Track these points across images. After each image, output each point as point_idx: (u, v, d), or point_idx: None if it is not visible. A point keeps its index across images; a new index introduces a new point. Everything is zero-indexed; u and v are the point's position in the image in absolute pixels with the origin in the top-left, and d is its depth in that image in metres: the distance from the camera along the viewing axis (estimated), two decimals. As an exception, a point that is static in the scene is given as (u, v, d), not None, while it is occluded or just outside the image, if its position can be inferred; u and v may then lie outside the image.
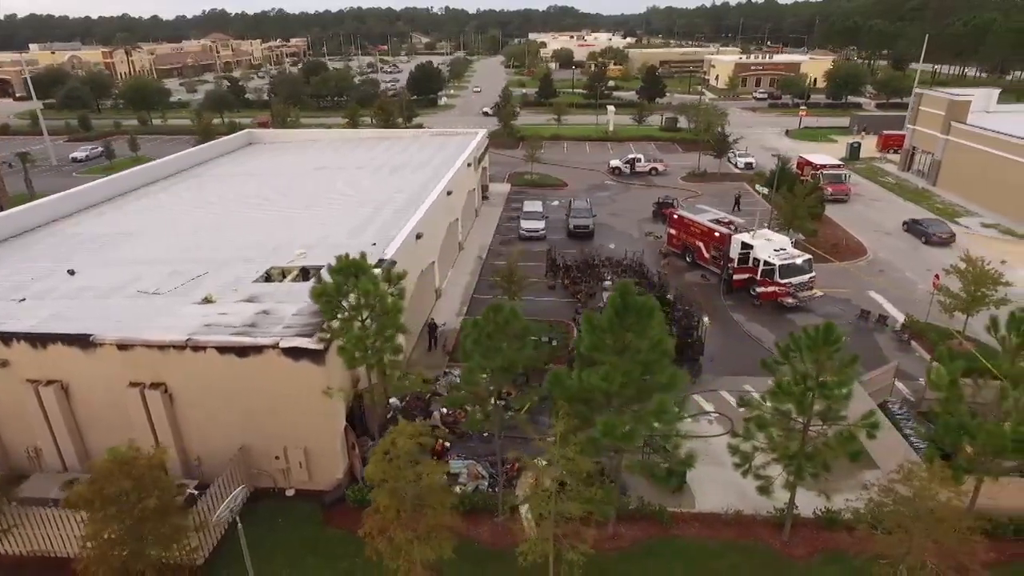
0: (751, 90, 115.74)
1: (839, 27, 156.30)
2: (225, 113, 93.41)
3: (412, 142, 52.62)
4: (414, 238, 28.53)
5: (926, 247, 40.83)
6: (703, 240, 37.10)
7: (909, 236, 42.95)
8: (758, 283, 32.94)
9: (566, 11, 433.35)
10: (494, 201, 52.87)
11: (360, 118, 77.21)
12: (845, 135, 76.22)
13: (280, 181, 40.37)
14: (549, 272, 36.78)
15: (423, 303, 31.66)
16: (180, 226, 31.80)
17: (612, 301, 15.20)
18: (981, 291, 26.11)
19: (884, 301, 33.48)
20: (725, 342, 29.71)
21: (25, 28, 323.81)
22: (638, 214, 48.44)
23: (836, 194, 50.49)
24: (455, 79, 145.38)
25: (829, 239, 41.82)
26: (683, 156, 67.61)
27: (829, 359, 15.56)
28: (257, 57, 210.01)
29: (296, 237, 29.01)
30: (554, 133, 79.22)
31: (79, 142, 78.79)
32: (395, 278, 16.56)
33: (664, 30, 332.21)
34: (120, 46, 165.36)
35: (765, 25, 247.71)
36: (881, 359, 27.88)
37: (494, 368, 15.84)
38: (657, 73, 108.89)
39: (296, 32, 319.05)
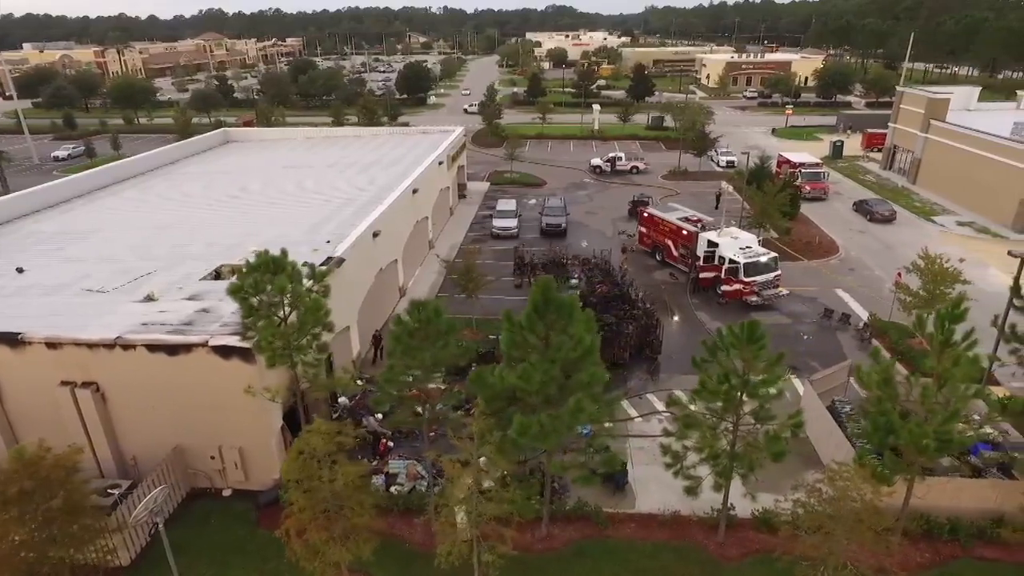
0: (742, 89, 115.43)
1: (832, 26, 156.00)
2: (212, 112, 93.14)
3: (388, 140, 52.35)
4: (370, 236, 28.31)
5: (899, 246, 40.55)
6: (672, 238, 36.86)
7: (879, 235, 42.74)
8: (722, 281, 32.69)
9: (564, 11, 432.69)
10: (472, 199, 52.62)
11: (345, 117, 77.06)
12: (832, 134, 75.94)
13: (248, 179, 40.10)
14: (517, 271, 36.54)
15: (384, 301, 31.43)
16: (141, 224, 31.56)
17: (532, 297, 14.96)
18: (940, 289, 25.83)
19: (850, 299, 33.23)
20: (687, 341, 29.42)
21: (22, 28, 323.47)
22: (614, 212, 48.19)
23: (814, 192, 50.27)
24: (447, 78, 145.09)
25: (803, 237, 41.57)
26: (666, 155, 67.34)
27: (755, 358, 15.34)
28: (252, 56, 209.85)
29: (254, 235, 28.75)
30: (539, 132, 78.93)
31: (63, 141, 78.63)
32: (318, 276, 16.28)
33: (662, 30, 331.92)
34: (112, 45, 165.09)
35: (761, 24, 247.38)
36: (841, 358, 27.64)
37: (417, 367, 15.58)
38: (647, 72, 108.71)
39: (293, 32, 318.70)
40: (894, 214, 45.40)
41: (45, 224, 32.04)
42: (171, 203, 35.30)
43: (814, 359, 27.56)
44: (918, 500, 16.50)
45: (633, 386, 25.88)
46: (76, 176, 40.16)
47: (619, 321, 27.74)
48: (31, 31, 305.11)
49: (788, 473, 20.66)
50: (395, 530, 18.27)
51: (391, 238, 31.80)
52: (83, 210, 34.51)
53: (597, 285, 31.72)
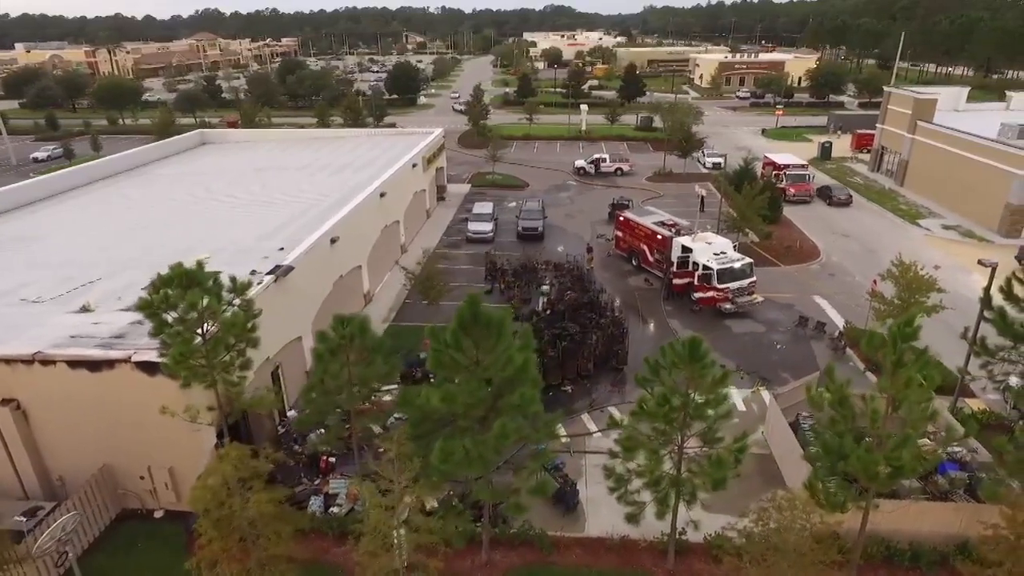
0: (735, 89, 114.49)
1: (828, 26, 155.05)
2: (197, 112, 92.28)
3: (366, 142, 51.44)
4: (328, 242, 27.41)
5: (883, 251, 39.56)
6: (647, 243, 35.94)
7: (858, 240, 41.83)
8: (695, 288, 31.77)
9: (563, 11, 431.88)
10: (451, 202, 51.71)
11: (331, 118, 76.15)
12: (823, 135, 75.03)
13: (217, 182, 39.20)
14: (488, 276, 35.63)
15: (346, 309, 30.41)
16: (98, 229, 30.68)
17: (458, 313, 14.03)
18: (915, 298, 24.92)
19: (828, 307, 32.31)
20: (654, 349, 28.35)
21: (19, 28, 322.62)
22: (594, 215, 47.28)
23: (798, 195, 49.36)
24: (439, 79, 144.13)
25: (784, 241, 40.65)
26: (653, 156, 66.38)
27: (698, 376, 14.43)
28: (245, 56, 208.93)
29: (209, 240, 27.85)
30: (525, 132, 78.05)
31: (45, 142, 77.70)
32: (239, 288, 15.36)
33: (660, 29, 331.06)
34: (102, 46, 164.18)
35: (758, 24, 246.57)
36: (814, 368, 26.75)
37: (339, 386, 14.66)
38: (639, 72, 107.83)
39: (289, 32, 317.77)
40: (850, 198, 49.65)
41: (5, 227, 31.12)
42: (134, 207, 34.43)
43: (786, 370, 26.66)
44: (878, 525, 15.59)
45: (596, 399, 24.97)
46: (43, 178, 39.33)
47: (583, 331, 26.81)
48: (29, 31, 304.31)
49: (751, 493, 19.77)
50: (329, 556, 17.37)
51: (354, 243, 30.89)
52: (43, 213, 33.61)
53: (566, 292, 30.79)
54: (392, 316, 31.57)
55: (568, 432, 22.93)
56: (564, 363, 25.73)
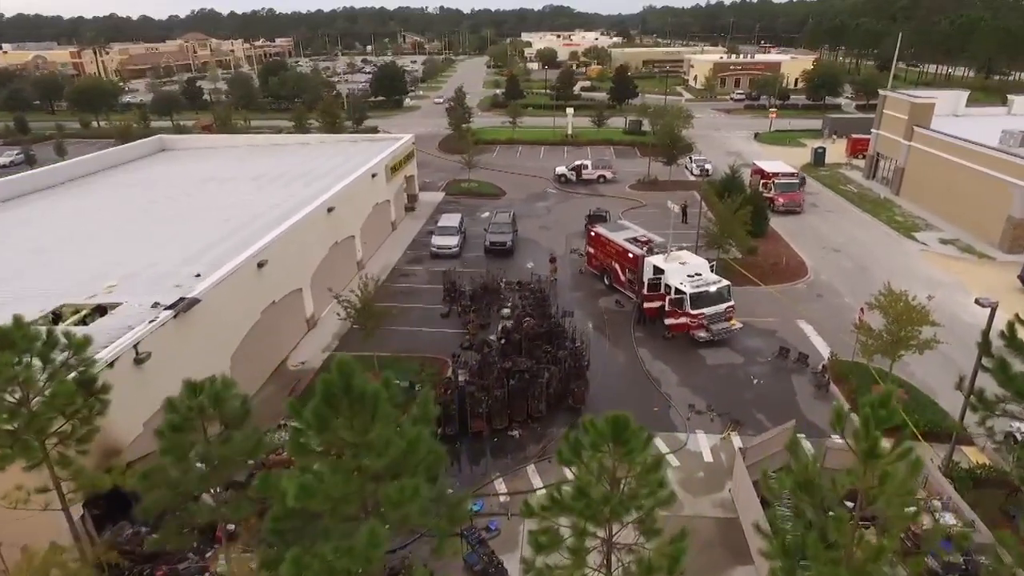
0: (730, 91, 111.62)
1: (827, 26, 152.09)
2: (175, 115, 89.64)
3: (332, 148, 48.71)
4: (254, 266, 24.70)
5: (875, 267, 36.80)
6: (619, 261, 33.18)
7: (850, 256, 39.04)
8: (667, 313, 28.99)
9: (562, 11, 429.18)
10: (421, 212, 48.95)
11: (308, 121, 73.45)
12: (818, 138, 72.20)
13: (160, 194, 36.51)
14: (447, 297, 32.88)
15: (282, 337, 27.79)
16: (14, 248, 27.96)
17: (324, 384, 11.26)
18: (905, 331, 22.14)
19: (813, 333, 29.51)
20: (619, 384, 25.79)
21: (13, 28, 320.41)
22: (570, 227, 44.46)
23: (787, 205, 46.57)
24: (429, 79, 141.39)
25: (770, 256, 37.86)
26: (640, 162, 63.50)
27: (626, 461, 11.67)
28: (237, 57, 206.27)
29: (126, 263, 25.16)
30: (509, 136, 75.27)
31: (11, 146, 75.01)
32: (76, 345, 12.66)
33: (659, 30, 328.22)
34: (88, 46, 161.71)
35: (757, 25, 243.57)
36: (792, 406, 24.04)
37: (182, 471, 11.92)
38: (631, 73, 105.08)
39: (286, 32, 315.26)
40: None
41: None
42: (58, 224, 31.70)
43: (762, 410, 23.89)
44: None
45: (547, 446, 22.17)
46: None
47: (537, 366, 24.05)
48: (24, 31, 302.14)
49: (715, 567, 17.11)
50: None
51: (292, 265, 28.18)
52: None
53: (524, 319, 28.02)
54: (334, 344, 28.83)
55: (508, 488, 20.21)
56: (512, 404, 22.98)
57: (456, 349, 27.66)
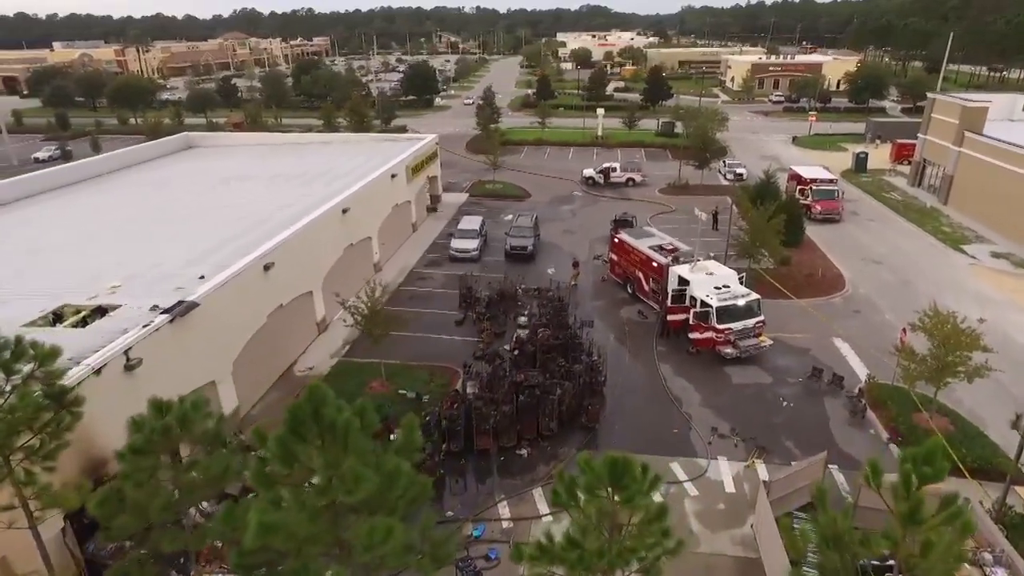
0: (768, 93, 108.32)
1: (872, 26, 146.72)
2: (208, 112, 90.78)
3: (355, 147, 48.18)
4: (260, 269, 23.99)
5: (920, 281, 34.51)
6: (643, 270, 31.64)
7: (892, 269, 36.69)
8: (691, 327, 27.39)
9: (599, 11, 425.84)
10: (444, 213, 48.03)
11: (337, 120, 73.39)
12: (860, 143, 69.08)
13: (176, 193, 36.32)
14: (462, 303, 31.81)
15: (290, 342, 27.07)
16: (27, 245, 27.79)
17: (292, 411, 10.20)
18: (952, 357, 20.21)
19: (849, 352, 27.54)
20: (637, 402, 24.32)
21: (66, 28, 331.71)
22: (595, 232, 42.93)
23: (825, 213, 44.27)
24: (461, 79, 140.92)
25: (804, 268, 35.81)
26: (672, 165, 61.52)
27: (627, 507, 10.35)
28: (276, 56, 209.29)
29: (132, 262, 24.72)
30: (538, 137, 73.96)
31: (52, 141, 76.76)
32: (42, 356, 11.84)
33: (697, 30, 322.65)
34: (132, 44, 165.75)
35: (799, 25, 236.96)
36: (825, 433, 22.28)
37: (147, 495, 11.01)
38: (665, 74, 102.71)
39: (324, 31, 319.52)
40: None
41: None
42: (74, 221, 31.61)
43: (791, 436, 22.16)
44: None
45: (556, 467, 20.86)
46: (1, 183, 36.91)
47: (550, 380, 22.77)
48: (76, 31, 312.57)
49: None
50: None
51: (302, 267, 27.45)
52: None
53: (539, 329, 26.75)
54: (345, 350, 27.99)
55: (512, 513, 18.99)
56: (521, 420, 21.75)
57: (468, 359, 26.54)
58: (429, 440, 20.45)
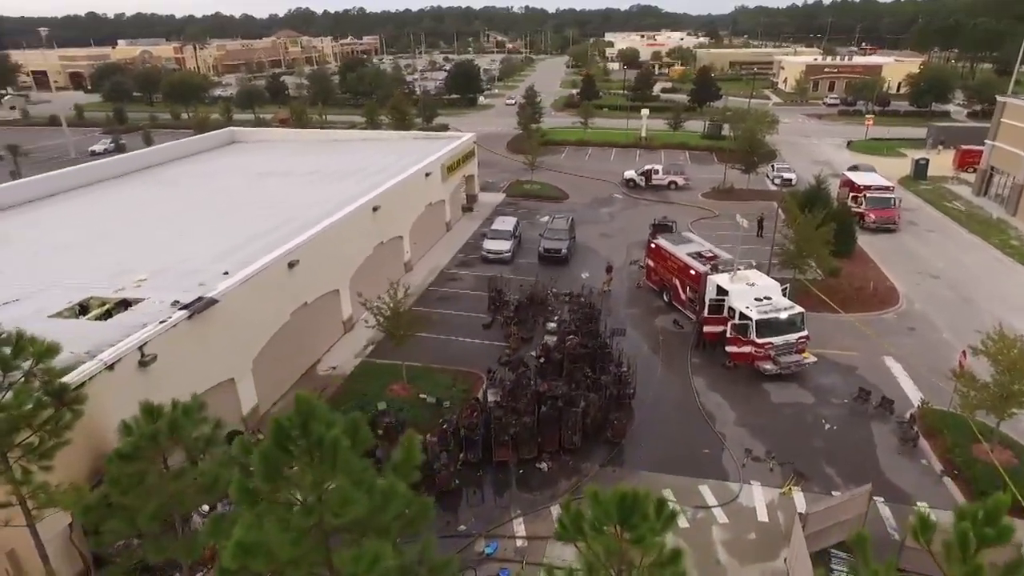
0: (823, 95, 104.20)
1: (937, 26, 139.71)
2: (256, 108, 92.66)
3: (393, 145, 48.02)
4: (284, 267, 23.72)
5: (982, 299, 32.08)
6: (679, 277, 30.28)
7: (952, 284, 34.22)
8: (729, 340, 25.95)
9: (649, 11, 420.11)
10: (479, 213, 47.41)
11: (379, 117, 73.80)
12: (920, 149, 65.45)
13: (214, 188, 36.70)
14: (491, 306, 31.05)
15: (315, 340, 26.80)
16: (67, 236, 28.31)
17: (275, 425, 9.56)
18: (1018, 386, 18.36)
19: (901, 374, 25.61)
20: (667, 417, 23.09)
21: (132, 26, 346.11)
22: (634, 236, 41.55)
23: (880, 221, 41.82)
24: (506, 78, 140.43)
25: (855, 280, 33.73)
26: (717, 168, 59.49)
27: (636, 546, 9.34)
28: (326, 54, 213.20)
29: (161, 256, 24.82)
30: (579, 137, 72.71)
31: (109, 135, 79.51)
32: (38, 354, 11.54)
33: (751, 30, 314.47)
34: (189, 42, 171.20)
35: (858, 25, 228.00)
36: (871, 460, 20.63)
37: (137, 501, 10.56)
38: (715, 75, 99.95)
39: (374, 30, 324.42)
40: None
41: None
42: (114, 212, 32.19)
43: (833, 462, 20.59)
44: None
45: (577, 482, 19.84)
46: (51, 174, 37.93)
47: (575, 391, 21.78)
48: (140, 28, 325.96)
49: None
50: None
51: (329, 265, 27.15)
52: (23, 217, 31.73)
53: (568, 336, 25.75)
54: (369, 350, 27.58)
55: (528, 531, 18.08)
56: (543, 432, 20.83)
57: (493, 364, 25.73)
58: (445, 449, 19.83)
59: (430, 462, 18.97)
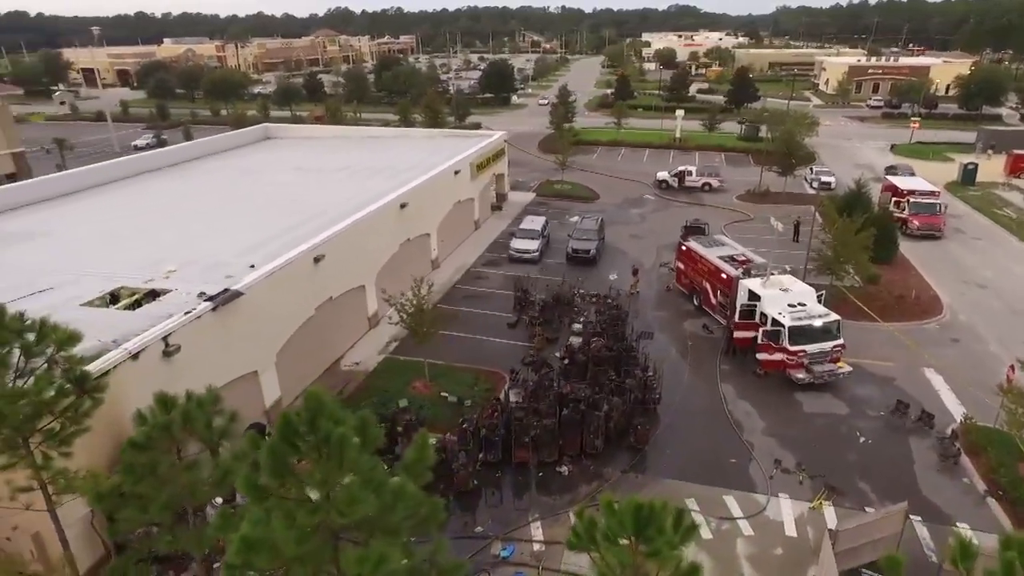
0: (867, 97, 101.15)
1: (990, 26, 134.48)
2: (293, 106, 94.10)
3: (422, 142, 48.07)
4: (310, 261, 23.80)
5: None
6: (710, 281, 29.52)
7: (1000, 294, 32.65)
8: (760, 347, 25.14)
9: (688, 11, 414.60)
10: (508, 212, 47.15)
11: (412, 115, 74.22)
12: (969, 153, 62.90)
13: (247, 182, 37.21)
14: (517, 306, 30.74)
15: (340, 335, 26.86)
16: (104, 227, 28.98)
17: (284, 419, 9.41)
18: (1070, 404, 17.30)
19: (942, 387, 24.47)
20: (693, 424, 22.46)
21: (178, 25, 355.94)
22: (665, 238, 40.72)
23: (924, 228, 40.21)
24: (540, 78, 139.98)
25: (895, 287, 32.46)
26: (754, 170, 58.08)
27: (652, 560, 8.91)
28: (363, 53, 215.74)
29: (191, 249, 25.15)
30: (612, 138, 71.89)
31: (151, 130, 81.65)
32: (60, 341, 11.61)
33: (792, 31, 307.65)
34: (231, 40, 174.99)
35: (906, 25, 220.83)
36: (908, 476, 19.70)
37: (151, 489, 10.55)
38: (753, 76, 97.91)
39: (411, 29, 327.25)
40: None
41: (13, 222, 30.20)
42: (147, 206, 32.76)
43: (867, 477, 19.73)
44: None
45: (598, 487, 19.40)
46: (90, 167, 38.96)
47: (598, 395, 21.32)
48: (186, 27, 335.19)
49: None
50: None
51: (355, 260, 27.21)
52: (65, 208, 32.49)
53: (593, 338, 25.29)
54: (393, 346, 27.54)
55: (545, 535, 17.71)
56: (564, 435, 20.43)
57: (517, 364, 25.41)
58: (464, 448, 19.58)
59: (449, 461, 18.79)
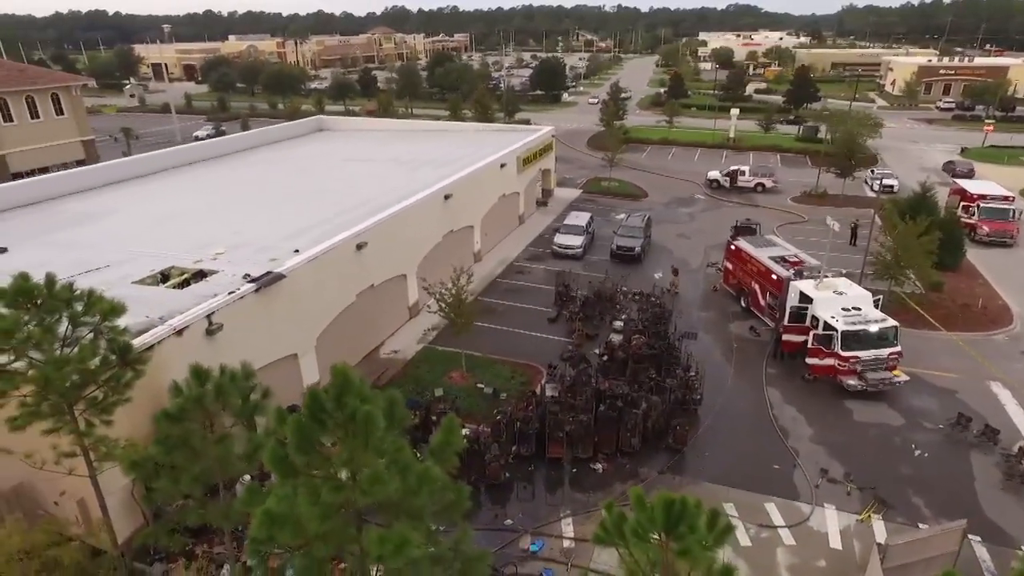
0: (936, 98, 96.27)
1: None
2: (347, 100, 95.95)
3: (469, 136, 48.17)
4: (352, 248, 24.04)
5: (1115, 325, 28.32)
6: (759, 282, 28.48)
7: None
8: (810, 351, 24.07)
9: (748, 10, 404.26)
10: (554, 207, 46.76)
11: (462, 111, 74.58)
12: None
13: (298, 171, 38.01)
14: (558, 301, 30.38)
15: (380, 322, 27.06)
16: (161, 210, 30.04)
17: (312, 396, 9.35)
18: None
19: (1010, 402, 22.90)
20: (736, 428, 21.66)
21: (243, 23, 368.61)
22: (712, 238, 39.61)
23: (994, 234, 37.88)
24: (592, 76, 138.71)
25: (960, 295, 30.70)
26: (811, 172, 55.97)
27: (683, 559, 8.46)
28: (417, 50, 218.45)
29: (240, 233, 25.80)
30: (664, 136, 70.51)
31: (212, 122, 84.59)
32: (104, 312, 11.88)
33: (858, 31, 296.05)
34: (291, 38, 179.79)
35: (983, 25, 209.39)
36: (968, 494, 18.48)
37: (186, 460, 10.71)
38: (814, 76, 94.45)
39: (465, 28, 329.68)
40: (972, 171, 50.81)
41: (78, 204, 31.58)
42: (200, 192, 33.84)
43: (922, 492, 18.59)
44: None
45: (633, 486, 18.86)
46: (152, 154, 40.51)
47: (636, 393, 20.79)
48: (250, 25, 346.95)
49: None
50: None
51: (398, 249, 27.38)
52: (131, 191, 33.85)
53: (633, 336, 24.72)
54: (432, 336, 27.58)
55: (576, 533, 17.34)
56: (600, 432, 19.99)
57: (555, 359, 25.08)
58: (497, 440, 19.39)
59: (481, 452, 18.64)
